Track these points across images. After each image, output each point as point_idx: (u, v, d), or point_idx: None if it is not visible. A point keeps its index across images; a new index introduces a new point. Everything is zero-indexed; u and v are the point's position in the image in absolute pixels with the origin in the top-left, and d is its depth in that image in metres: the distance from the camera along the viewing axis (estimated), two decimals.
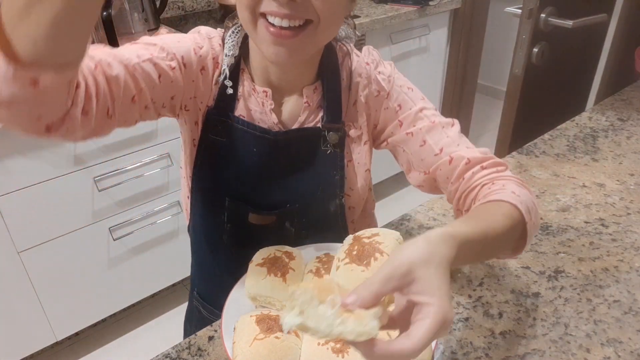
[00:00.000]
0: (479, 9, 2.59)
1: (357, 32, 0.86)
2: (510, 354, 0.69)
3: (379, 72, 0.85)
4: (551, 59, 1.69)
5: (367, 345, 0.46)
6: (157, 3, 2.01)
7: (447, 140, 0.80)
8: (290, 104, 0.82)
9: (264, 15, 0.66)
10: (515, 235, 0.67)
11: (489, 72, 3.65)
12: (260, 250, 0.77)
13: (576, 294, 0.79)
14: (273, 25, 0.65)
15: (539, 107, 1.83)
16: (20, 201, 1.50)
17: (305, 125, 0.82)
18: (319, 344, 0.62)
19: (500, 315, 0.75)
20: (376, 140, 0.89)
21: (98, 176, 1.62)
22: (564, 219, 0.96)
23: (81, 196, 1.62)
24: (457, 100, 2.84)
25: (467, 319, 0.75)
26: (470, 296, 0.79)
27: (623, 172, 1.11)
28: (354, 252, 0.68)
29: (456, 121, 0.85)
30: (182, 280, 2.11)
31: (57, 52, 0.47)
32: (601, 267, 0.84)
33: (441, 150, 0.79)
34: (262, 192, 0.83)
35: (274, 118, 0.80)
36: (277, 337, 0.62)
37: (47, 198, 1.55)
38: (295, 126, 0.82)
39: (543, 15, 1.58)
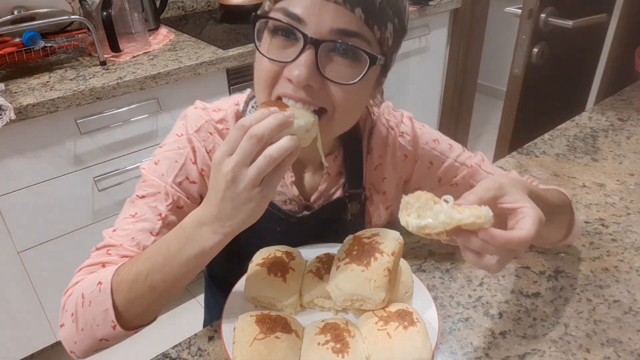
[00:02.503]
0: (479, 9, 2.59)
1: (382, 97, 0.83)
2: (510, 354, 0.69)
3: (402, 134, 0.85)
4: (551, 59, 1.68)
5: (486, 233, 0.52)
6: (157, 3, 2.01)
7: (488, 177, 0.86)
8: (311, 175, 0.83)
9: (279, 99, 0.64)
10: (566, 217, 0.75)
11: (489, 72, 3.65)
12: (260, 250, 0.77)
13: (576, 294, 0.79)
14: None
15: (539, 107, 1.83)
16: (20, 201, 1.50)
17: (326, 195, 0.83)
18: (318, 344, 0.62)
19: (500, 315, 0.75)
20: (408, 192, 0.91)
21: (98, 176, 1.62)
22: None
23: (81, 196, 1.62)
24: (457, 100, 2.83)
25: (467, 319, 0.75)
26: (470, 296, 0.79)
27: (623, 172, 1.11)
28: (354, 252, 0.68)
29: (481, 154, 0.90)
30: None
31: (154, 315, 0.69)
32: (601, 267, 0.84)
33: None
34: None
35: (294, 191, 0.81)
36: (277, 337, 0.62)
37: (47, 198, 1.55)
38: (315, 195, 0.82)
39: (543, 15, 1.58)
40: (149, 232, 0.72)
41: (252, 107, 0.79)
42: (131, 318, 0.65)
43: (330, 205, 0.83)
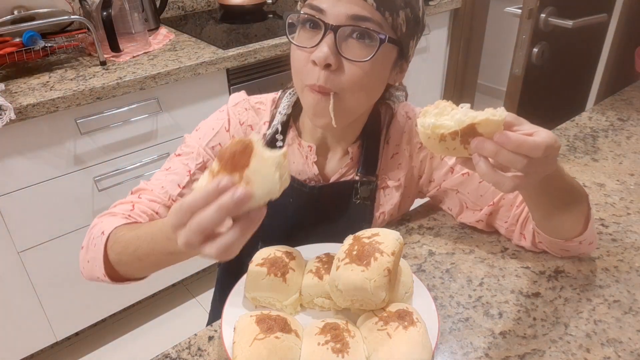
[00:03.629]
0: (479, 9, 2.59)
1: (405, 97, 0.94)
2: (510, 354, 0.69)
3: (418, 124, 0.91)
4: (551, 59, 1.69)
5: (501, 134, 0.54)
6: (157, 3, 2.01)
7: None
8: (336, 159, 0.89)
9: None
10: (583, 207, 0.75)
11: (489, 72, 3.65)
12: (260, 250, 0.77)
13: (576, 294, 0.79)
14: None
15: (539, 107, 1.83)
16: (20, 201, 1.50)
17: (343, 177, 0.88)
18: (318, 344, 0.62)
19: (500, 315, 0.75)
20: (423, 189, 0.95)
21: (98, 176, 1.62)
22: None
23: (81, 196, 1.62)
24: (457, 100, 2.83)
25: (467, 319, 0.75)
26: (470, 296, 0.79)
27: (623, 172, 1.11)
28: (354, 252, 0.68)
29: None
30: (182, 280, 2.11)
31: (142, 276, 0.75)
32: (601, 267, 0.84)
33: None
34: (295, 239, 0.86)
35: (315, 170, 0.87)
36: (277, 337, 0.62)
37: (47, 198, 1.55)
38: (334, 177, 0.88)
39: (543, 15, 1.58)
40: (177, 184, 0.83)
41: (290, 93, 0.88)
42: (121, 272, 0.74)
43: (341, 183, 0.88)
